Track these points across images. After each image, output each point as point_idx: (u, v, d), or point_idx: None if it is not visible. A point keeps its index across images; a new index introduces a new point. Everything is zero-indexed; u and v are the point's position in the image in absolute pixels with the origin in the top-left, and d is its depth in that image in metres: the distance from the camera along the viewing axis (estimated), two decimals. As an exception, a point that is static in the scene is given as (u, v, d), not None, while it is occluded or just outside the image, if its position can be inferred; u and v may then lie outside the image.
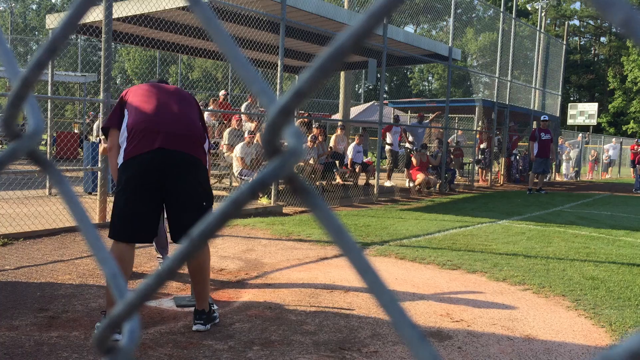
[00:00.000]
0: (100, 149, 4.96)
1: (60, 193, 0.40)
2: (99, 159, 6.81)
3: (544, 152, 14.21)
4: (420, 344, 0.24)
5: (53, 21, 10.23)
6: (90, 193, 9.10)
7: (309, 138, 11.21)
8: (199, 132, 3.54)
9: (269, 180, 0.29)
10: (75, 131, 18.32)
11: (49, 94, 9.12)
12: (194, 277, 3.52)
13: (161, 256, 4.93)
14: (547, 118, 14.97)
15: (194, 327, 3.44)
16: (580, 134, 24.31)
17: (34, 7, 51.90)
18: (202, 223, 0.30)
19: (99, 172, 6.87)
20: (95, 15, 8.61)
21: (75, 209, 0.38)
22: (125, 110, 3.49)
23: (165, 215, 3.54)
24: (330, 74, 0.28)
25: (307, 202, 0.30)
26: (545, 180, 19.31)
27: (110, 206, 6.82)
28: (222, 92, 12.95)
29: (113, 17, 6.81)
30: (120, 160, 3.42)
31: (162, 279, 0.32)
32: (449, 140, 15.59)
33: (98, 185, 6.86)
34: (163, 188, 3.35)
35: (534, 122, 18.76)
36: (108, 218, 6.74)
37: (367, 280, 0.27)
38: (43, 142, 16.99)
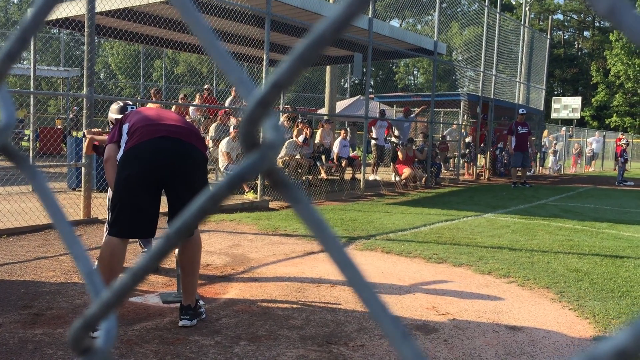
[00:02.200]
0: (85, 144, 4.90)
1: (34, 188, 0.39)
2: (83, 154, 6.74)
3: (522, 146, 14.34)
4: (402, 340, 0.24)
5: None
6: (74, 189, 9.02)
7: (294, 132, 11.20)
8: (199, 132, 3.62)
9: (247, 174, 0.28)
10: (58, 127, 18.12)
11: (32, 89, 9.01)
12: (184, 270, 3.50)
13: (145, 249, 4.90)
14: (524, 111, 15.07)
15: (180, 323, 3.42)
16: (564, 128, 24.52)
17: (16, 0, 51.17)
18: (179, 219, 0.30)
19: (82, 168, 6.80)
20: (78, 9, 8.52)
21: (50, 204, 0.37)
22: (125, 124, 3.53)
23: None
24: (309, 64, 0.27)
25: (287, 196, 0.29)
26: (529, 173, 19.48)
27: (95, 202, 6.78)
28: (206, 86, 12.86)
29: (96, 11, 6.74)
30: (120, 154, 3.42)
31: (137, 277, 0.31)
32: (444, 134, 15.67)
33: (82, 181, 6.79)
34: (164, 177, 3.33)
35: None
36: (93, 214, 6.70)
37: (347, 276, 0.27)
38: (26, 138, 16.78)
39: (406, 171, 12.56)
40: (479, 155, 16.80)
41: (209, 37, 0.30)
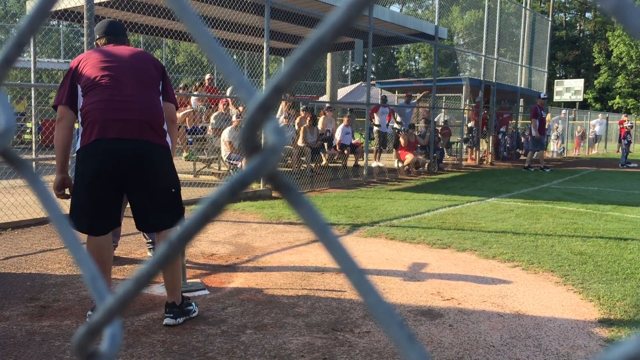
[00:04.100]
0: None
1: (34, 192, 0.39)
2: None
3: (543, 129, 14.47)
4: (408, 344, 0.24)
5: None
6: (77, 181, 9.02)
7: (297, 120, 11.19)
8: (157, 113, 3.25)
9: (249, 180, 0.28)
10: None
11: (32, 82, 9.00)
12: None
13: (150, 240, 4.91)
14: (545, 96, 15.17)
15: (164, 321, 3.29)
16: (564, 110, 24.39)
17: (14, -8, 50.81)
18: (181, 226, 0.30)
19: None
20: (76, 0, 8.47)
21: (51, 208, 0.37)
22: (78, 86, 3.20)
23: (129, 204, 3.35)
24: (310, 68, 0.27)
25: (289, 200, 0.29)
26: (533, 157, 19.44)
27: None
28: (207, 76, 12.80)
29: (95, 1, 6.70)
30: (77, 146, 3.24)
31: (140, 284, 0.31)
32: (435, 120, 15.62)
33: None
34: (122, 179, 3.16)
35: (521, 100, 18.79)
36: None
37: (352, 280, 0.27)
38: (28, 131, 16.78)
39: (408, 157, 12.54)
40: (481, 140, 16.76)
41: (208, 40, 0.29)
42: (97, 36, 3.62)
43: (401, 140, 12.83)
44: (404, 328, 0.25)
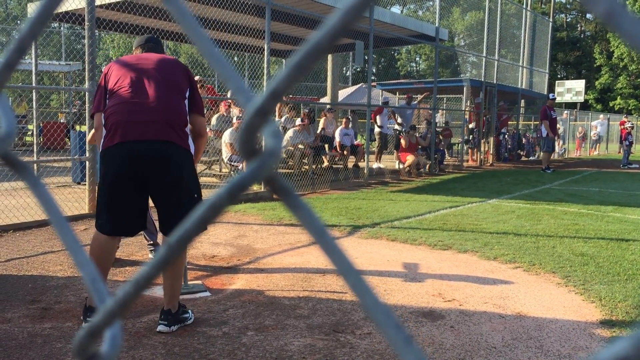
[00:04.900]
0: (88, 137, 4.91)
1: (35, 195, 0.39)
2: (87, 148, 6.75)
3: (554, 130, 14.57)
4: (406, 345, 0.24)
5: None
6: (79, 183, 9.05)
7: (297, 121, 11.19)
8: (179, 115, 3.23)
9: (247, 183, 0.28)
10: (62, 121, 18.14)
11: (34, 84, 9.02)
12: (165, 272, 3.33)
13: (152, 242, 4.92)
14: (554, 96, 15.30)
15: (158, 328, 3.25)
16: (566, 111, 24.39)
17: (15, -5, 50.89)
18: (180, 229, 0.30)
19: (87, 162, 6.81)
20: (77, 2, 8.49)
21: (52, 211, 0.37)
22: (107, 91, 3.28)
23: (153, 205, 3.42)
24: (307, 73, 0.27)
25: (287, 202, 0.29)
26: (532, 158, 19.45)
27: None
28: (197, 78, 12.71)
29: (96, 4, 6.72)
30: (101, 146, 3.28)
31: (140, 286, 0.31)
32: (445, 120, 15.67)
33: (87, 175, 6.80)
34: (144, 180, 3.16)
35: (522, 101, 18.79)
36: (98, 208, 6.71)
37: (350, 282, 0.27)
38: (29, 133, 16.81)
39: (409, 158, 12.54)
40: (482, 141, 16.77)
41: (207, 44, 0.29)
42: (134, 49, 3.70)
43: (402, 141, 12.82)
44: (401, 330, 0.25)
